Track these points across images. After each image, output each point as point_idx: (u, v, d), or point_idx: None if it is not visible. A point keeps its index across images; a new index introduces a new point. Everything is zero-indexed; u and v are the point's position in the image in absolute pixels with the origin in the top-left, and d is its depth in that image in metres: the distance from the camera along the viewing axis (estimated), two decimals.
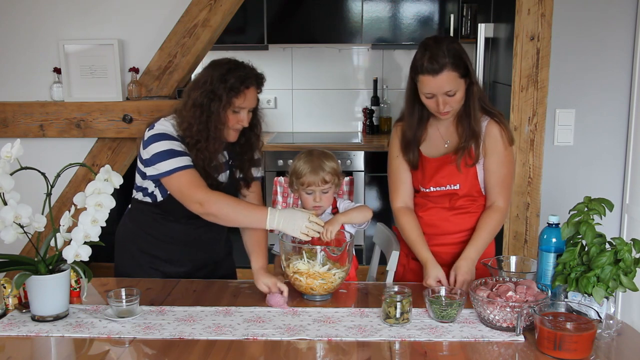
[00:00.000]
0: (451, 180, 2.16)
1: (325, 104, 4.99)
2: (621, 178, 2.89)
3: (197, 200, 2.05)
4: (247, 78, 2.10)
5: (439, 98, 2.05)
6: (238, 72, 2.09)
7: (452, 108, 2.09)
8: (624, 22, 2.76)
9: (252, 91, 2.13)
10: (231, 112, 2.11)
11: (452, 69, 2.02)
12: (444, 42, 2.04)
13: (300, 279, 1.97)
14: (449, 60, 2.01)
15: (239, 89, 2.08)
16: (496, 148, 2.14)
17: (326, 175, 2.20)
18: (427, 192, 2.21)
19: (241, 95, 2.09)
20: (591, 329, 1.60)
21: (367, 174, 4.40)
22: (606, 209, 1.78)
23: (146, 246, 2.26)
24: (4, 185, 1.75)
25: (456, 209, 2.20)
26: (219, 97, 2.07)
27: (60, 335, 1.75)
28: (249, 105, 2.14)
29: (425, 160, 2.21)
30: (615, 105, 2.84)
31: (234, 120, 2.12)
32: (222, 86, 2.07)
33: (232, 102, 2.08)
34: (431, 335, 1.73)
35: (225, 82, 2.07)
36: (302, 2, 4.50)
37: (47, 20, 3.12)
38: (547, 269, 1.87)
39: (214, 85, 2.08)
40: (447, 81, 2.02)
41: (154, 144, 2.09)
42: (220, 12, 3.08)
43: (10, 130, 3.16)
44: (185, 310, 1.91)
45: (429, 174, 2.20)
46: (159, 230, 2.24)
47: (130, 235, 2.29)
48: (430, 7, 4.46)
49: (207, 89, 2.08)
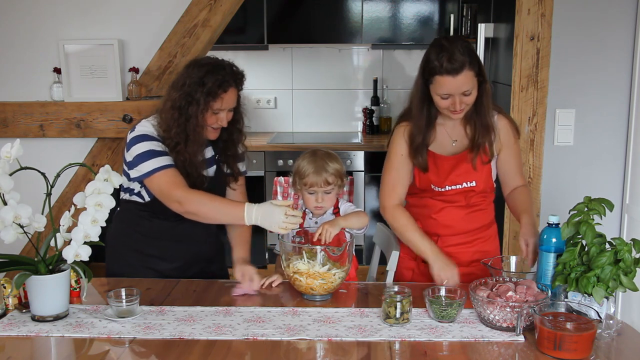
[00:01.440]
0: (467, 177, 2.16)
1: (325, 104, 4.99)
2: (621, 178, 2.89)
3: (176, 199, 2.08)
4: (224, 81, 2.09)
5: (456, 98, 2.04)
6: (216, 75, 2.09)
7: (467, 107, 2.09)
8: (624, 22, 2.76)
9: (231, 92, 2.13)
10: (210, 114, 2.12)
11: (470, 68, 2.02)
12: (459, 42, 2.04)
13: (300, 279, 1.97)
14: (467, 59, 2.01)
15: (216, 93, 2.09)
16: (509, 140, 2.20)
17: (329, 176, 2.19)
18: (443, 192, 2.19)
19: (219, 100, 2.10)
20: (591, 329, 1.60)
21: (367, 174, 4.40)
22: (606, 209, 1.78)
23: (137, 245, 2.26)
24: (3, 186, 1.75)
25: (471, 207, 2.20)
26: (196, 101, 2.08)
27: (60, 335, 1.75)
28: (227, 107, 2.14)
29: (439, 159, 2.19)
30: (615, 105, 2.84)
31: (212, 121, 2.14)
32: (200, 90, 2.07)
33: (209, 105, 2.10)
34: (431, 335, 1.73)
35: (203, 86, 2.07)
36: (302, 2, 4.50)
37: (47, 20, 3.12)
38: (547, 269, 1.87)
39: (191, 89, 2.08)
40: (465, 81, 2.02)
41: (135, 145, 2.11)
42: (220, 12, 3.08)
43: (10, 130, 3.16)
44: (185, 310, 1.91)
45: (444, 173, 2.18)
46: (148, 228, 2.25)
47: (121, 236, 2.30)
48: (430, 7, 4.46)
49: (185, 91, 2.09)
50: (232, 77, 2.12)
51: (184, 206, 2.07)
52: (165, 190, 2.09)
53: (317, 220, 2.25)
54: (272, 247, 2.31)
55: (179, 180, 2.10)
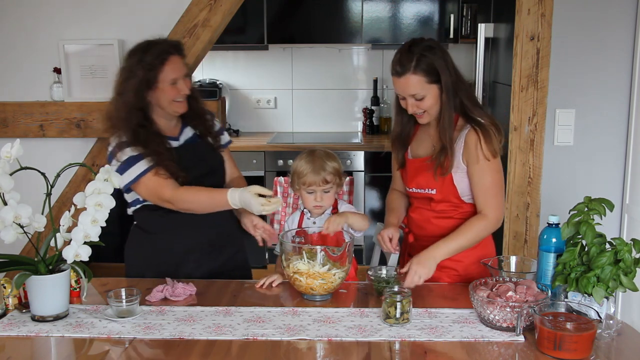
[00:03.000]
0: (429, 184, 2.16)
1: (325, 104, 4.99)
2: (621, 178, 2.89)
3: (166, 200, 2.16)
4: (162, 51, 2.15)
5: (408, 100, 2.09)
6: (151, 50, 2.14)
7: (423, 112, 2.10)
8: (624, 22, 2.76)
9: (174, 59, 2.18)
10: (167, 86, 2.16)
11: (415, 73, 2.03)
12: (419, 46, 2.05)
13: (300, 279, 1.97)
14: (414, 64, 2.02)
15: (157, 65, 2.13)
16: (475, 158, 2.08)
17: (327, 175, 2.20)
18: (411, 192, 2.24)
19: (165, 68, 2.14)
20: (591, 329, 1.60)
21: (367, 174, 4.40)
22: (606, 209, 1.78)
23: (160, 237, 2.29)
24: (3, 186, 1.75)
25: (437, 212, 2.20)
26: (146, 80, 2.13)
27: (60, 335, 1.75)
28: (177, 75, 2.18)
29: (408, 161, 2.25)
30: (615, 105, 2.84)
31: (174, 93, 2.18)
32: (141, 67, 2.12)
33: (158, 78, 2.14)
34: (431, 335, 1.73)
35: (143, 63, 2.12)
36: (302, 2, 4.50)
37: (47, 20, 3.12)
38: (547, 269, 1.87)
39: (133, 72, 2.13)
40: (410, 84, 2.04)
41: (112, 163, 2.17)
42: (220, 12, 3.08)
43: (10, 130, 3.16)
44: (185, 310, 1.91)
45: (411, 175, 2.22)
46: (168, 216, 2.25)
47: (143, 241, 2.32)
48: (430, 7, 4.46)
49: (128, 77, 2.14)
50: (168, 46, 2.18)
51: (175, 205, 2.16)
52: (154, 195, 2.17)
53: (316, 221, 2.25)
54: (272, 247, 2.31)
55: (165, 181, 2.15)
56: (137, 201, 2.26)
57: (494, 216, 2.11)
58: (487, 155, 2.07)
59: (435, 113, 2.11)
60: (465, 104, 2.10)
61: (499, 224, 2.14)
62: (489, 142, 2.07)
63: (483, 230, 2.12)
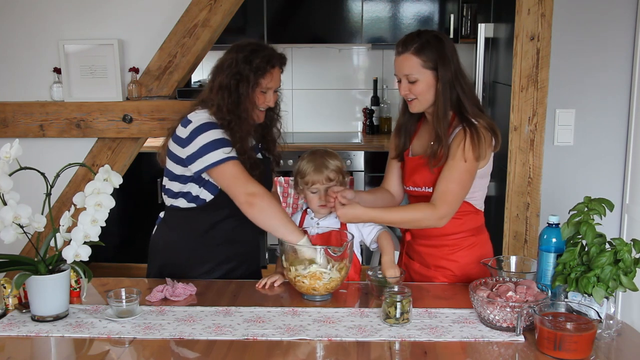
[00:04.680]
0: (425, 182, 2.15)
1: (325, 104, 4.99)
2: (621, 178, 2.89)
3: (250, 190, 2.05)
4: (271, 58, 2.15)
5: (402, 82, 2.09)
6: (262, 53, 2.14)
7: (414, 97, 2.09)
8: (624, 23, 2.76)
9: (277, 71, 2.19)
10: (259, 93, 2.15)
11: (415, 55, 2.05)
12: (427, 34, 2.08)
13: (303, 280, 1.96)
14: (416, 47, 2.05)
15: (265, 69, 2.13)
16: (453, 154, 2.06)
17: (330, 173, 2.20)
18: (408, 191, 2.25)
19: (268, 76, 2.14)
20: (591, 329, 1.60)
21: (367, 174, 4.40)
22: (606, 209, 1.78)
23: (192, 252, 2.24)
24: (3, 186, 1.75)
25: None
26: (246, 79, 2.11)
27: (60, 335, 1.75)
28: (274, 86, 2.19)
29: (407, 159, 2.25)
30: (615, 105, 2.84)
31: (261, 101, 2.17)
32: (248, 67, 2.11)
33: (259, 82, 2.13)
34: (431, 335, 1.73)
35: (251, 64, 2.12)
36: (302, 2, 4.50)
37: (47, 20, 3.12)
38: (547, 269, 1.87)
39: (240, 67, 2.12)
40: (406, 64, 2.06)
41: (200, 135, 2.08)
42: (220, 12, 3.08)
43: (10, 130, 3.16)
44: (185, 310, 1.91)
45: (408, 173, 2.23)
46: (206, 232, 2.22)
47: (172, 244, 2.26)
48: (430, 7, 4.46)
49: (233, 71, 2.12)
50: (276, 56, 2.18)
51: (256, 197, 2.04)
52: (240, 179, 2.06)
53: (319, 222, 2.25)
54: (272, 247, 2.31)
55: (248, 175, 2.09)
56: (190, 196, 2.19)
57: (442, 211, 2.04)
58: (466, 155, 2.03)
59: (427, 103, 2.10)
60: (463, 103, 2.08)
61: (440, 222, 2.06)
62: (474, 145, 2.03)
63: (422, 219, 2.07)
